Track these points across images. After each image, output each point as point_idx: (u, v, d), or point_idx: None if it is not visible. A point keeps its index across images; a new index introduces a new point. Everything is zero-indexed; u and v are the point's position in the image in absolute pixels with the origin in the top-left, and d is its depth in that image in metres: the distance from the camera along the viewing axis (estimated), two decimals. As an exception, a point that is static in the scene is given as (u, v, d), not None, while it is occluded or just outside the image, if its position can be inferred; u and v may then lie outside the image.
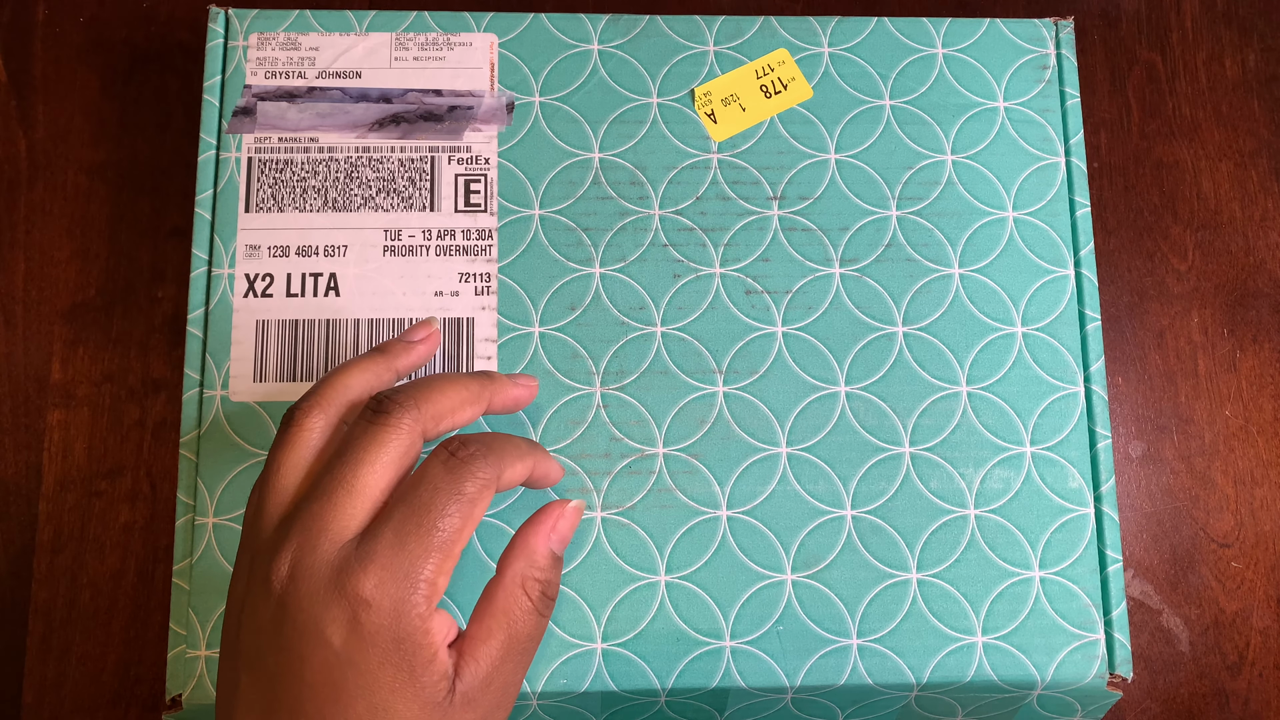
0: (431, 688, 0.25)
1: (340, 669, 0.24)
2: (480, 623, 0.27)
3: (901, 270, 0.37)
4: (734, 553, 0.35)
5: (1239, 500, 0.44)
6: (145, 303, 0.43)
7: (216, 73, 0.38)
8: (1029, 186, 0.38)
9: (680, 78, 0.39)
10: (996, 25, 0.40)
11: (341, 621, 0.25)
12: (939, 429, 0.36)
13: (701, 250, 0.37)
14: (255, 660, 0.26)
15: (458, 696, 0.26)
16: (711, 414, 0.36)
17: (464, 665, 0.26)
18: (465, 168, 0.38)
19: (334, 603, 0.25)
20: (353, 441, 0.27)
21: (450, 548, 0.25)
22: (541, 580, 0.27)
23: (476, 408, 0.30)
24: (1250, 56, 0.48)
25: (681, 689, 0.34)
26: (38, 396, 0.42)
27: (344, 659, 0.24)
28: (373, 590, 0.25)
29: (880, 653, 0.34)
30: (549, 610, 0.27)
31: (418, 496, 0.26)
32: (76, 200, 0.44)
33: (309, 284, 0.36)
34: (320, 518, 0.26)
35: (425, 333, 0.33)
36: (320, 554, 0.25)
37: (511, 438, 0.29)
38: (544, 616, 0.27)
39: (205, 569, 0.34)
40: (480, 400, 0.30)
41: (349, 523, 0.26)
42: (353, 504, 0.26)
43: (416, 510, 0.26)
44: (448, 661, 0.26)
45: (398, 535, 0.25)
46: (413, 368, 0.32)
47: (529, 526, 0.28)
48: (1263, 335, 0.45)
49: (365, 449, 0.27)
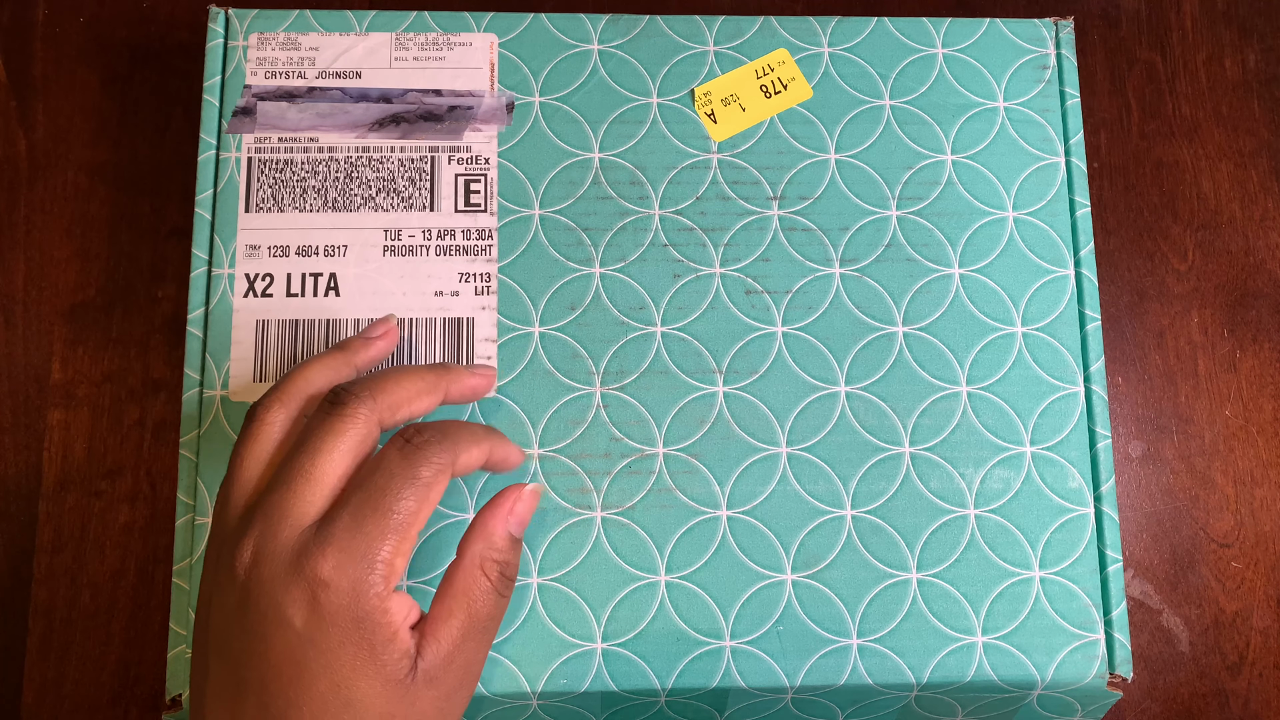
0: (393, 666, 0.26)
1: (302, 649, 0.25)
2: (441, 604, 0.27)
3: (901, 270, 0.37)
4: (734, 553, 0.35)
5: (1239, 500, 0.44)
6: (145, 303, 0.43)
7: (216, 73, 0.38)
8: (1029, 186, 0.38)
9: (680, 78, 0.39)
10: (996, 25, 0.40)
11: (302, 603, 0.25)
12: (939, 429, 0.36)
13: (701, 250, 0.37)
14: (222, 645, 0.27)
15: (419, 675, 0.26)
16: (711, 414, 0.36)
17: (425, 645, 0.27)
18: (465, 168, 0.38)
19: (294, 585, 0.25)
20: (311, 432, 0.28)
21: (406, 530, 0.26)
22: (499, 561, 0.28)
23: (433, 397, 0.30)
24: (1250, 56, 0.48)
25: (681, 689, 0.34)
26: (38, 396, 0.42)
27: (305, 639, 0.25)
28: (331, 571, 0.25)
29: (880, 653, 0.34)
30: (508, 590, 0.28)
31: (374, 482, 0.27)
32: (76, 200, 0.44)
33: (309, 284, 0.36)
34: (280, 505, 0.27)
35: (384, 329, 0.34)
36: (281, 539, 0.26)
37: (467, 424, 0.30)
38: (503, 596, 0.28)
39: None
40: (436, 390, 0.31)
41: (308, 509, 0.27)
42: (311, 491, 0.27)
43: (373, 495, 0.26)
44: (409, 641, 0.26)
45: (355, 519, 0.26)
46: (372, 363, 0.33)
47: (487, 510, 0.29)
48: (1263, 335, 0.45)
49: (323, 438, 0.27)
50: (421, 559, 0.34)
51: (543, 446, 0.35)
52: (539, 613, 0.34)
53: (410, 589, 0.34)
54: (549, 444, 0.36)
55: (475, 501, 0.35)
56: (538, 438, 0.36)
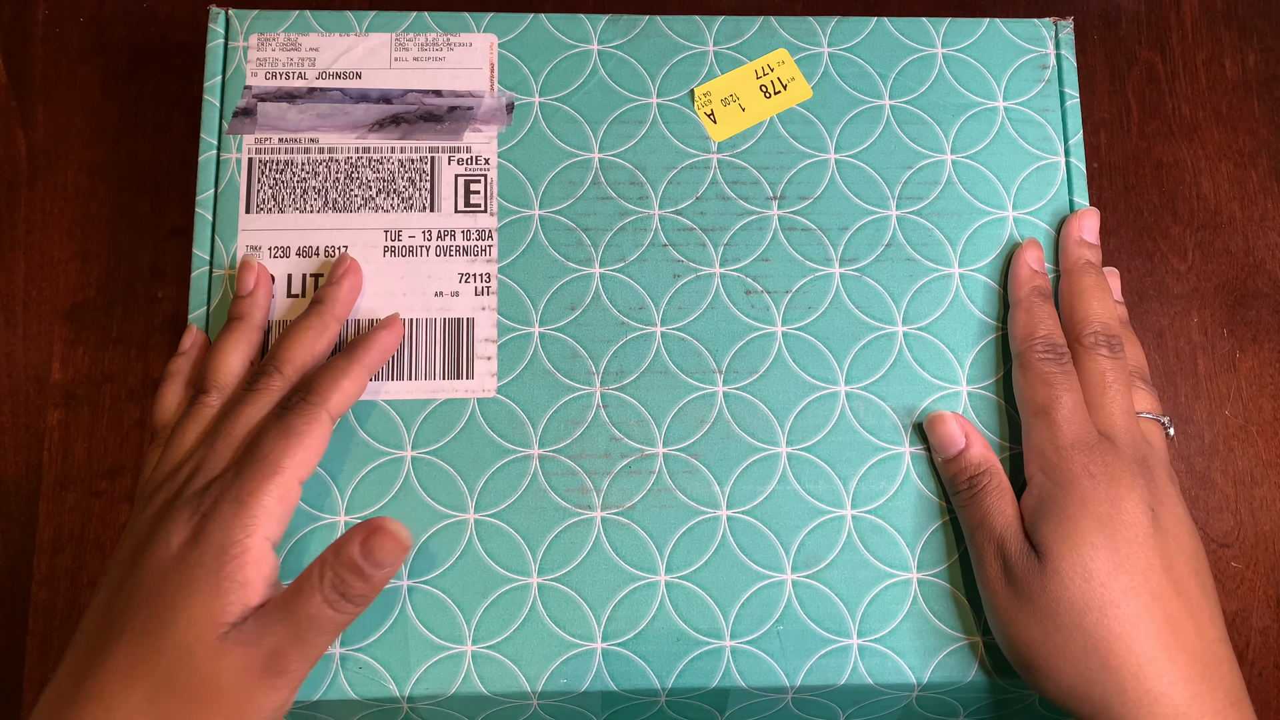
0: (222, 604, 0.28)
1: (167, 566, 0.29)
2: (286, 590, 0.29)
3: (901, 270, 0.37)
4: (734, 552, 0.35)
5: (1239, 500, 0.44)
6: (145, 303, 0.43)
7: (217, 73, 0.38)
8: (1029, 186, 0.38)
9: (680, 78, 0.39)
10: (996, 25, 0.40)
11: (183, 531, 0.29)
12: (939, 429, 0.36)
13: (701, 250, 0.37)
14: (110, 577, 0.31)
15: (237, 632, 0.28)
16: (711, 414, 0.36)
17: (259, 612, 0.29)
18: (465, 168, 0.38)
19: (182, 517, 0.30)
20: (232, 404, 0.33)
21: (279, 472, 0.30)
22: (334, 574, 0.29)
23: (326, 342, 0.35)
24: (1250, 56, 0.48)
25: (682, 689, 0.34)
26: (38, 396, 0.42)
27: (175, 558, 0.29)
28: (210, 505, 0.30)
29: (880, 653, 0.34)
30: (343, 607, 0.29)
31: (256, 441, 0.31)
32: (76, 200, 0.44)
33: (309, 284, 0.36)
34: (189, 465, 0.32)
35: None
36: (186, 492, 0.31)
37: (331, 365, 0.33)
38: (334, 610, 0.29)
39: (205, 569, 0.34)
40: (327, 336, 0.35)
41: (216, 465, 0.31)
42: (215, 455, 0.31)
43: (253, 450, 0.31)
44: (253, 595, 0.29)
45: (237, 469, 0.30)
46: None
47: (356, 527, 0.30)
48: (1262, 335, 0.45)
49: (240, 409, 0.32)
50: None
51: (543, 446, 0.35)
52: (539, 612, 0.34)
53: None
54: (549, 444, 0.36)
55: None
56: (538, 438, 0.36)
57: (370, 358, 0.34)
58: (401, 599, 0.34)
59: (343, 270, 0.35)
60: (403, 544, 0.29)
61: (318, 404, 0.31)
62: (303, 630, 0.28)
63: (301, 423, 0.31)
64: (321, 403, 0.32)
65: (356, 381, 0.33)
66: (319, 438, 0.31)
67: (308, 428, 0.31)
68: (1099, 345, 0.35)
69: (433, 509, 0.35)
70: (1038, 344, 0.35)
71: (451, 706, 0.34)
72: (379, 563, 0.29)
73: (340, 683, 0.33)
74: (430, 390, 0.36)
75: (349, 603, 0.29)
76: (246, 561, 0.29)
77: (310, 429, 0.31)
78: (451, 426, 0.35)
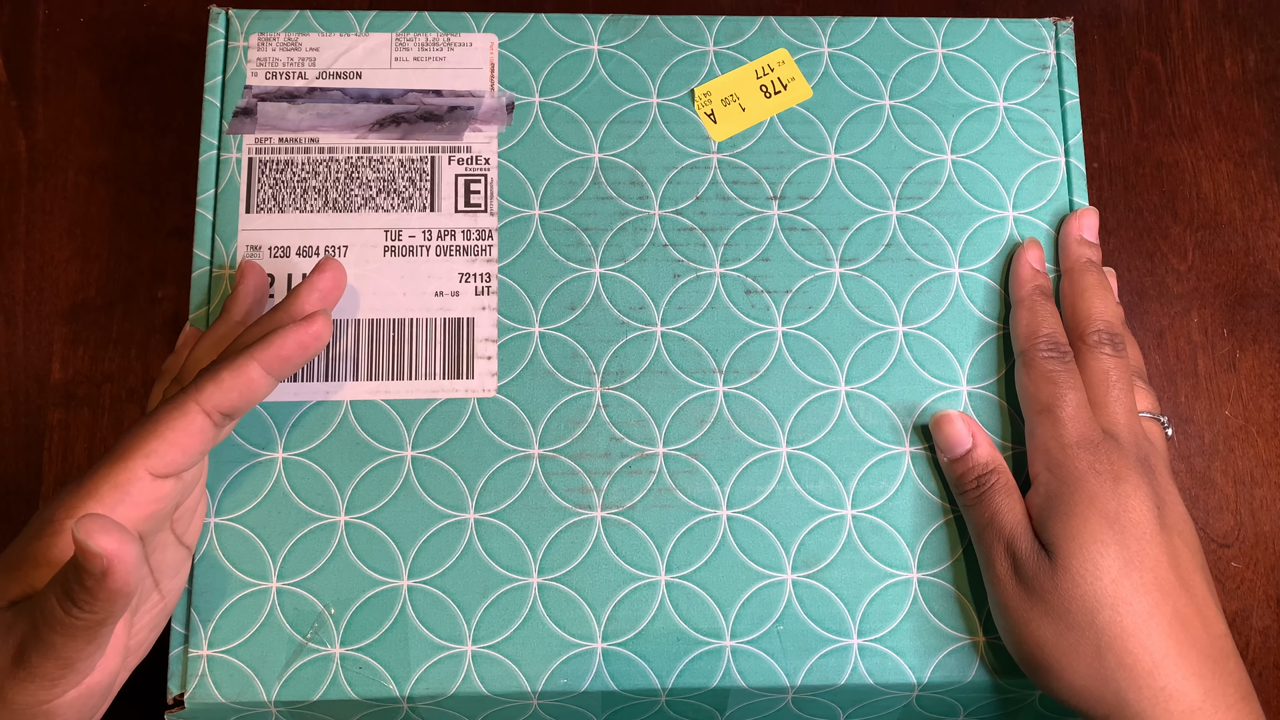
0: (7, 579, 0.28)
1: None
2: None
3: (901, 270, 0.37)
4: (734, 552, 0.35)
5: (1239, 500, 0.44)
6: (145, 303, 0.43)
7: (217, 73, 0.38)
8: (1029, 186, 0.38)
9: (680, 78, 0.39)
10: (996, 25, 0.40)
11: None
12: (939, 429, 0.36)
13: (701, 250, 0.37)
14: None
15: (3, 615, 0.28)
16: (711, 414, 0.36)
17: (24, 601, 0.28)
18: (465, 168, 0.38)
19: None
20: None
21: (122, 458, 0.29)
22: (63, 573, 0.26)
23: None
24: (1250, 56, 0.48)
25: (682, 689, 0.34)
26: (38, 396, 0.42)
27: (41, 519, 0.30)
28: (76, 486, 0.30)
29: (881, 652, 0.34)
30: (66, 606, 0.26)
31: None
32: (76, 200, 0.44)
33: (309, 284, 0.36)
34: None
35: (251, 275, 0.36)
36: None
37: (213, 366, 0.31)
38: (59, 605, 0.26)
39: (206, 568, 0.34)
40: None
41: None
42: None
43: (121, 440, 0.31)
44: (47, 574, 0.28)
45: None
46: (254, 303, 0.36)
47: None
48: (1262, 335, 0.45)
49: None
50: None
51: (543, 446, 0.35)
52: (539, 612, 0.34)
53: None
54: (549, 444, 0.36)
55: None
56: (538, 438, 0.36)
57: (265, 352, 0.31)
58: (401, 599, 0.34)
59: (313, 275, 0.34)
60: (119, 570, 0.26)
61: (187, 396, 0.30)
62: (38, 626, 0.27)
63: (164, 412, 0.30)
64: (192, 394, 0.30)
65: (241, 374, 0.31)
66: (182, 429, 0.30)
67: (168, 418, 0.30)
68: (1102, 344, 0.35)
69: (433, 509, 0.35)
70: (1041, 342, 0.35)
71: (451, 706, 0.34)
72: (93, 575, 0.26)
73: (340, 683, 0.33)
74: (430, 390, 0.36)
75: (76, 607, 0.26)
76: (52, 542, 0.29)
77: (172, 419, 0.30)
78: (452, 426, 0.35)
